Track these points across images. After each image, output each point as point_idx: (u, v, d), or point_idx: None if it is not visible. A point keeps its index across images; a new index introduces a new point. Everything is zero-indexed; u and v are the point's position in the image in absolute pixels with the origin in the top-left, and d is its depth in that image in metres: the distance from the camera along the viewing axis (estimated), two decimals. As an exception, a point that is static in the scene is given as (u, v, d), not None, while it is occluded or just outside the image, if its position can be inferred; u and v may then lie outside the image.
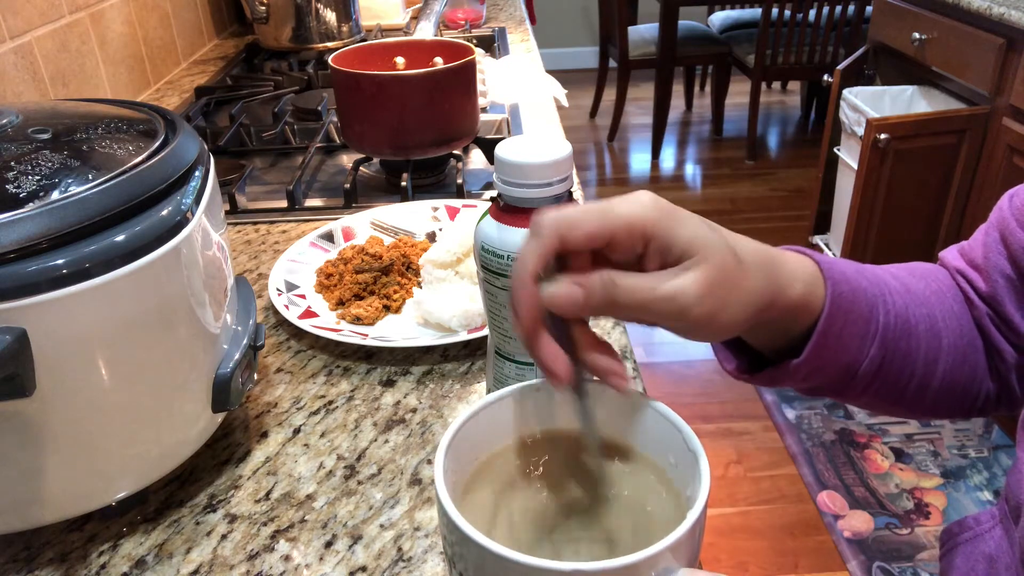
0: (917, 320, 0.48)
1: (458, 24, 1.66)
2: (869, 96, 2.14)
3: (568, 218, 0.35)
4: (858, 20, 3.06)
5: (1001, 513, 0.50)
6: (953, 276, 0.53)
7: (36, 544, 0.49)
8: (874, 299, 0.46)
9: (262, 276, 0.77)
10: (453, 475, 0.37)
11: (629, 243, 0.36)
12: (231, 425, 0.59)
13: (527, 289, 0.35)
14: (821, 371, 0.45)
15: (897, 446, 1.88)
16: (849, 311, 0.44)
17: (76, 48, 1.08)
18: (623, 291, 0.35)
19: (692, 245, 0.36)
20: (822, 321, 0.43)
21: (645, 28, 3.47)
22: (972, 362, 0.50)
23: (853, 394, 0.48)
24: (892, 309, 0.47)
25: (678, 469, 0.38)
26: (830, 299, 0.43)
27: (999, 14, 1.70)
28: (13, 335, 0.39)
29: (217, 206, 0.53)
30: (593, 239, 0.35)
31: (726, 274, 0.36)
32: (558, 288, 0.35)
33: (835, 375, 0.46)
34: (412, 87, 0.87)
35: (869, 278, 0.47)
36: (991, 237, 0.51)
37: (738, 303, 0.37)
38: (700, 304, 0.35)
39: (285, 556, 0.48)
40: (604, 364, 0.37)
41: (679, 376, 2.16)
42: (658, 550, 0.31)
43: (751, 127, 3.34)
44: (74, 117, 0.52)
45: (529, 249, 0.36)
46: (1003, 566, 0.48)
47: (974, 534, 0.51)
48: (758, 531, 1.69)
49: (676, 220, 0.36)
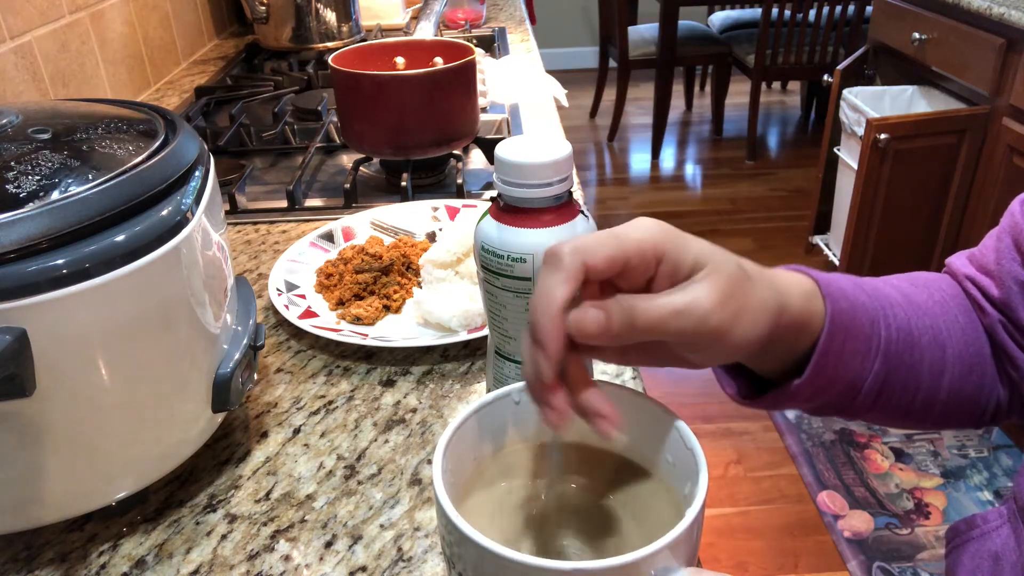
0: (920, 332, 0.48)
1: (458, 24, 1.66)
2: (869, 96, 2.14)
3: (586, 244, 0.35)
4: (858, 20, 3.06)
5: (1009, 512, 0.49)
6: (962, 283, 0.52)
7: (36, 544, 0.49)
8: (875, 313, 0.46)
9: (262, 276, 0.77)
10: (452, 475, 0.37)
11: (643, 266, 0.36)
12: (231, 425, 0.59)
13: (556, 320, 0.34)
14: (825, 389, 0.44)
15: (897, 446, 1.88)
16: (849, 327, 0.44)
17: (76, 48, 1.08)
18: (641, 311, 0.35)
19: (700, 259, 0.36)
20: (823, 339, 0.42)
21: (645, 28, 3.47)
22: (979, 371, 0.50)
23: (859, 410, 0.47)
24: (894, 322, 0.46)
25: (676, 468, 0.38)
26: (830, 316, 0.42)
27: (999, 14, 1.70)
28: (13, 335, 0.38)
29: (217, 206, 0.53)
30: (613, 262, 0.35)
31: (737, 283, 0.36)
32: (584, 313, 0.35)
33: (839, 392, 0.45)
34: (412, 87, 0.87)
35: (868, 292, 0.47)
36: (1004, 243, 0.50)
37: (752, 311, 0.37)
38: (716, 312, 0.35)
39: (285, 556, 0.48)
40: (594, 405, 0.36)
41: (679, 376, 2.16)
42: (657, 548, 0.31)
43: (751, 127, 3.34)
44: (74, 117, 0.52)
45: (554, 280, 0.35)
46: (1009, 565, 0.48)
47: (981, 532, 0.51)
48: (758, 531, 1.69)
49: (684, 239, 0.37)
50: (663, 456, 0.39)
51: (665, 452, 0.39)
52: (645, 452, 0.41)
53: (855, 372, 0.45)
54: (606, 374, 0.61)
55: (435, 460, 0.36)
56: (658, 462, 0.40)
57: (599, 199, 3.23)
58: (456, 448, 0.38)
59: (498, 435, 0.41)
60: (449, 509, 0.33)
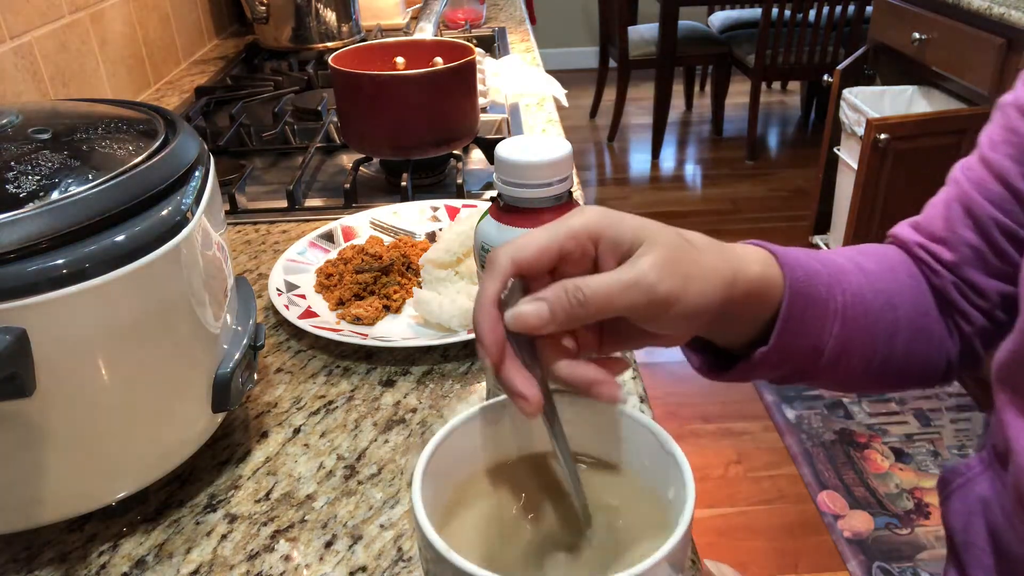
0: (873, 295, 0.50)
1: (458, 24, 1.66)
2: (869, 96, 2.14)
3: (517, 242, 0.37)
4: (858, 20, 3.06)
5: (989, 457, 0.53)
6: (912, 249, 0.55)
7: (36, 544, 0.49)
8: (830, 280, 0.48)
9: (262, 276, 0.77)
10: (433, 494, 0.37)
11: (580, 250, 0.37)
12: (231, 425, 0.59)
13: (489, 315, 0.36)
14: (789, 356, 0.46)
15: (897, 446, 1.88)
16: (808, 293, 0.45)
17: (76, 48, 1.08)
18: (588, 290, 0.36)
19: (639, 234, 0.37)
20: (784, 305, 0.44)
21: (645, 28, 3.47)
22: (930, 331, 0.53)
23: (822, 375, 0.49)
24: (848, 288, 0.49)
25: (656, 473, 0.38)
26: (788, 283, 0.44)
27: (999, 14, 1.70)
28: (13, 335, 0.38)
29: (217, 206, 0.53)
30: (545, 252, 0.37)
31: (679, 251, 0.38)
32: (519, 307, 0.36)
33: (803, 358, 0.47)
34: (412, 87, 0.87)
35: (822, 261, 0.49)
36: (954, 211, 0.53)
37: (701, 278, 0.38)
38: (664, 280, 0.36)
39: (285, 556, 0.48)
40: (581, 374, 0.37)
41: (679, 376, 2.16)
42: (655, 562, 0.31)
43: (751, 127, 3.34)
44: (74, 117, 0.52)
45: (486, 281, 0.37)
46: (997, 506, 0.51)
47: (966, 479, 0.54)
48: (758, 531, 1.69)
49: (619, 218, 0.38)
50: (642, 463, 0.39)
51: (643, 459, 0.39)
52: (625, 462, 0.41)
53: (817, 337, 0.47)
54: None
55: (415, 478, 0.36)
56: (638, 470, 0.40)
57: (599, 199, 3.23)
58: (437, 465, 0.38)
59: (478, 452, 0.41)
60: (427, 528, 0.33)
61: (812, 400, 2.03)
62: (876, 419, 1.97)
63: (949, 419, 1.96)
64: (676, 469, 0.36)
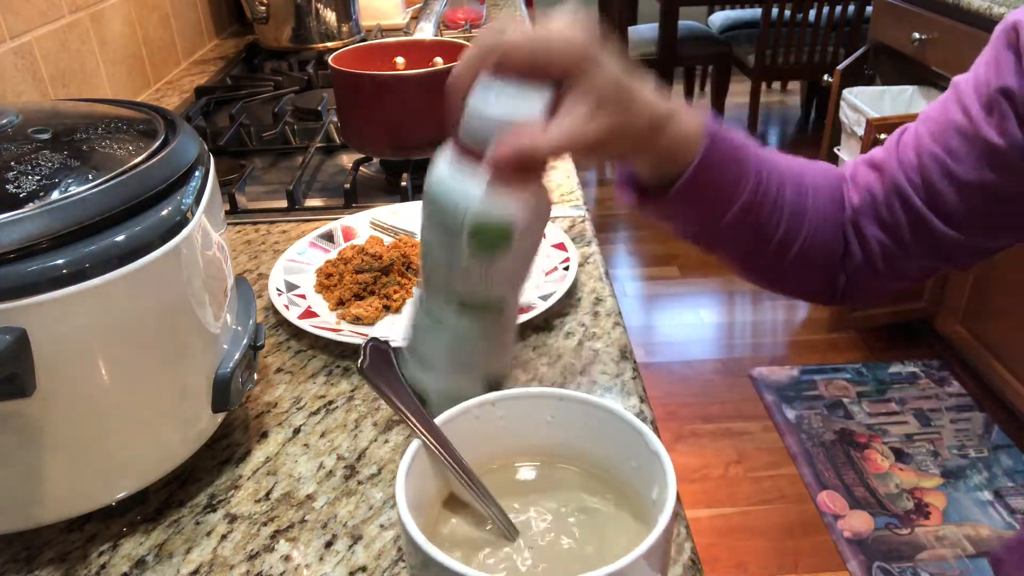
0: (789, 179, 0.54)
1: (458, 24, 1.66)
2: (869, 96, 2.14)
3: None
4: (858, 20, 3.06)
5: None
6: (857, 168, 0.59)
7: (36, 544, 0.49)
8: (755, 152, 0.52)
9: (262, 276, 0.77)
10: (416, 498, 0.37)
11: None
12: (231, 425, 0.59)
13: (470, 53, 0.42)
14: (700, 196, 0.50)
15: (897, 446, 1.88)
16: (730, 148, 0.50)
17: (76, 48, 1.08)
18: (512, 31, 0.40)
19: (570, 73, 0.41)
20: (705, 144, 0.48)
21: (645, 28, 3.47)
22: (830, 245, 0.57)
23: (724, 235, 0.53)
24: (768, 165, 0.53)
25: (641, 472, 0.38)
26: (712, 133, 0.48)
27: (999, 14, 1.70)
28: (13, 335, 0.39)
29: (217, 206, 0.53)
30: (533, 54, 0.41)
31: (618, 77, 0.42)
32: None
33: (711, 205, 0.51)
34: (412, 87, 0.87)
35: (754, 144, 0.53)
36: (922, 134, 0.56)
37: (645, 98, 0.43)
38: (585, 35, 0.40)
39: (285, 556, 0.48)
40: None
41: (679, 376, 2.16)
42: (632, 560, 0.31)
43: (751, 127, 3.34)
44: (74, 117, 0.52)
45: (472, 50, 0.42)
46: None
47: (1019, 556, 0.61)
48: (758, 531, 1.69)
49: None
50: (628, 463, 0.39)
51: (629, 459, 0.39)
52: (609, 460, 0.40)
53: (729, 187, 0.51)
54: (606, 374, 0.61)
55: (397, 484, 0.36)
56: (623, 469, 0.40)
57: (599, 199, 3.23)
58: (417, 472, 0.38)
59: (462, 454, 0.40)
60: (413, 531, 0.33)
61: (812, 400, 2.03)
62: (876, 419, 1.97)
63: (949, 419, 1.96)
64: (660, 468, 0.36)
